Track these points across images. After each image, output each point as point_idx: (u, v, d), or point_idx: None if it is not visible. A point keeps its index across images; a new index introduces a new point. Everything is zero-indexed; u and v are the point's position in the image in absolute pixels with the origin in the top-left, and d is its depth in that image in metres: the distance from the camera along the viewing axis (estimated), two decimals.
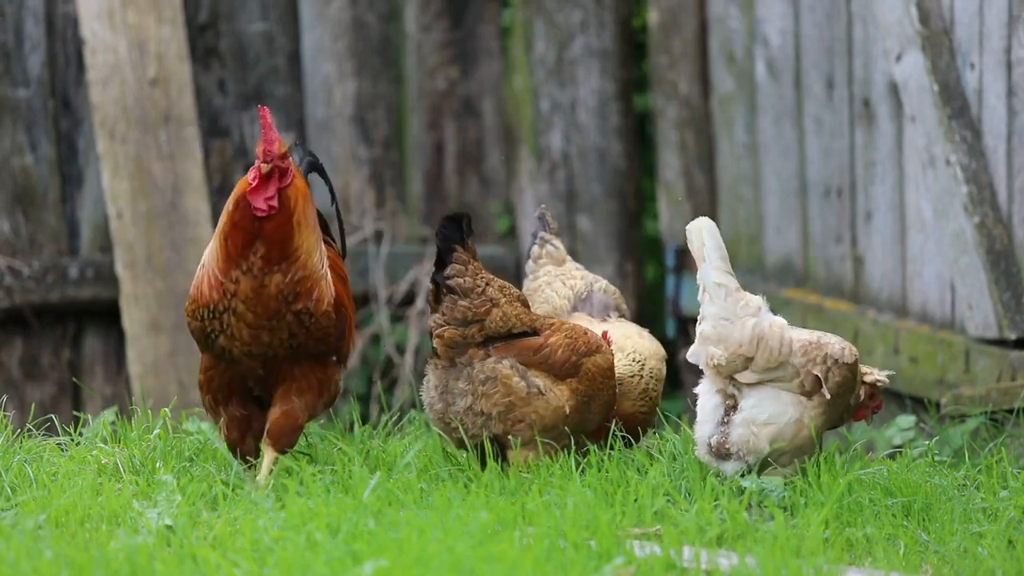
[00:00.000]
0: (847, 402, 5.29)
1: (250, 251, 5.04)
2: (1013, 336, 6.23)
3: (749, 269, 7.57)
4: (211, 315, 5.05)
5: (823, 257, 7.27)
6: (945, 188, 6.38)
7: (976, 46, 6.31)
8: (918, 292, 6.76)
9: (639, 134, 8.16)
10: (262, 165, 5.02)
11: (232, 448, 5.15)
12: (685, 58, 7.86)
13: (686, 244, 5.36)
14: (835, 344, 5.24)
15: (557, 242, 5.91)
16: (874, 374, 5.38)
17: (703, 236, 5.24)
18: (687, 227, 5.29)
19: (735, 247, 7.64)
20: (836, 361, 5.21)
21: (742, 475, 5.15)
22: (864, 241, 7.04)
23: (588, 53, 8.03)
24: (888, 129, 6.85)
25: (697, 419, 5.28)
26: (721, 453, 5.21)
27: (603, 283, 5.81)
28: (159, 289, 7.50)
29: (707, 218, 5.29)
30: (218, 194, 7.76)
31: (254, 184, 5.02)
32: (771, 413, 5.20)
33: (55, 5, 7.48)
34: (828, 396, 5.18)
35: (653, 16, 7.93)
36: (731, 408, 5.25)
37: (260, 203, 5.02)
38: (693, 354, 5.28)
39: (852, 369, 5.25)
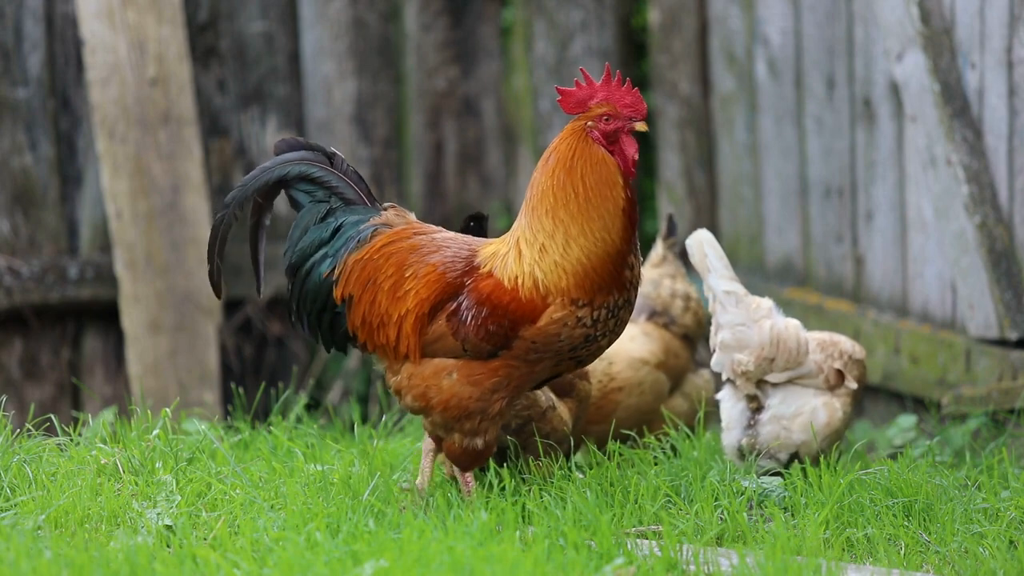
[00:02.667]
0: (860, 396, 5.41)
1: (637, 225, 4.68)
2: (1014, 336, 6.23)
3: (750, 269, 7.56)
4: (611, 314, 4.66)
5: (824, 257, 7.27)
6: (946, 188, 6.38)
7: (977, 46, 6.31)
8: (919, 292, 6.75)
9: (639, 134, 8.15)
10: (639, 124, 4.69)
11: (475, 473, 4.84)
12: (685, 58, 7.85)
13: (685, 246, 5.43)
14: (846, 342, 5.37)
15: (660, 247, 6.00)
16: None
17: (704, 248, 5.32)
18: (686, 241, 5.38)
19: (735, 247, 7.64)
20: (851, 357, 5.33)
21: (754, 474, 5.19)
22: (865, 241, 7.03)
23: (588, 53, 8.02)
24: (889, 129, 6.84)
25: (723, 426, 5.35)
26: (760, 452, 5.29)
27: (668, 287, 5.89)
28: (159, 289, 7.49)
29: (705, 230, 5.37)
30: (218, 194, 7.75)
31: (634, 147, 4.65)
32: (798, 405, 5.29)
33: (55, 5, 7.47)
34: (855, 387, 5.30)
35: (653, 16, 7.93)
36: (756, 410, 5.32)
37: (635, 166, 4.67)
38: (717, 363, 5.35)
39: (864, 365, 5.37)
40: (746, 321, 5.31)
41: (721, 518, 4.76)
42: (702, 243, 5.34)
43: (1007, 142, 6.23)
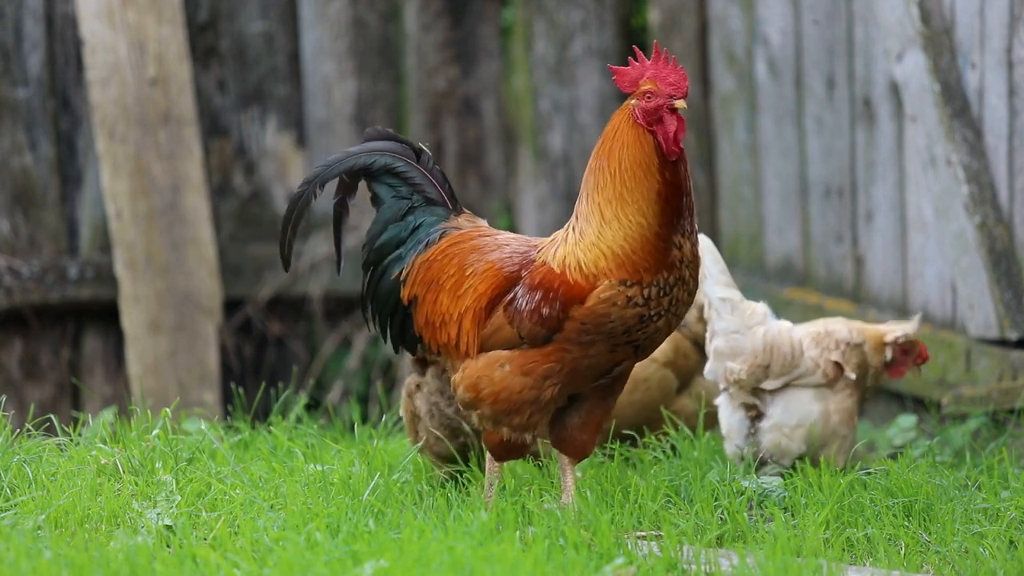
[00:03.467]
0: (866, 381, 5.36)
1: (683, 205, 4.59)
2: (1014, 336, 6.22)
3: (750, 269, 7.56)
4: (662, 292, 4.58)
5: (824, 257, 7.26)
6: (946, 188, 6.38)
7: (977, 46, 6.30)
8: (919, 292, 6.75)
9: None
10: (678, 101, 4.57)
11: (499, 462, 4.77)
12: (685, 58, 7.85)
13: None
14: (842, 329, 5.32)
15: None
16: (895, 332, 5.42)
17: (702, 253, 5.29)
18: None
19: (735, 247, 7.64)
20: (848, 344, 5.30)
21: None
22: (865, 241, 7.03)
23: (588, 53, 8.02)
24: (889, 129, 6.84)
25: (723, 434, 5.34)
26: (767, 459, 5.29)
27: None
28: (159, 289, 7.49)
29: (702, 235, 5.35)
30: (218, 194, 7.75)
31: (675, 125, 4.55)
32: (800, 415, 5.27)
33: (55, 5, 7.47)
34: (854, 377, 5.26)
35: (654, 16, 7.93)
36: (755, 418, 5.31)
37: (677, 145, 4.57)
38: (711, 371, 5.33)
39: (863, 351, 5.33)
40: (740, 328, 5.29)
41: (721, 518, 4.75)
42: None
43: (1007, 142, 6.23)
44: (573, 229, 4.65)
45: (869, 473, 5.12)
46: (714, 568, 4.33)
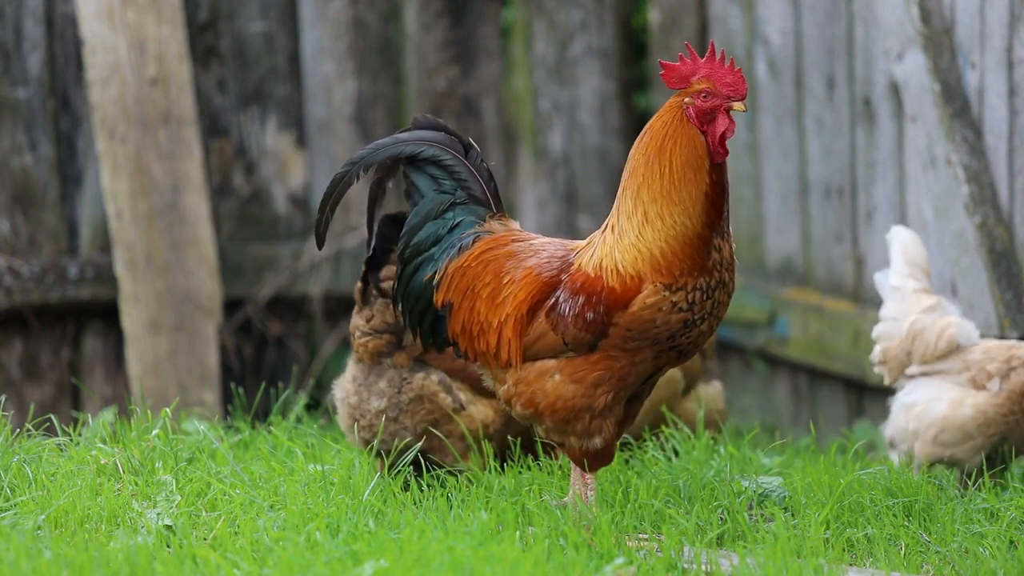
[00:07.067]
0: None
1: (724, 207, 4.55)
2: (1014, 336, 6.22)
3: (750, 269, 7.56)
4: (705, 295, 4.54)
5: (824, 257, 7.27)
6: (946, 188, 6.38)
7: (977, 46, 6.31)
8: None
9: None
10: (737, 104, 4.53)
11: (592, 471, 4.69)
12: None
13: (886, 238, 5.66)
14: None
15: None
16: None
17: (893, 244, 5.53)
18: (887, 235, 5.58)
19: (735, 247, 7.64)
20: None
21: None
22: (865, 241, 7.03)
23: (588, 53, 8.02)
24: (889, 129, 6.84)
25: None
26: (891, 444, 5.40)
27: None
28: (159, 289, 7.49)
29: (904, 228, 5.56)
30: (218, 194, 7.75)
31: (724, 127, 4.50)
32: (922, 396, 5.33)
33: (55, 5, 7.47)
34: (996, 388, 5.26)
35: (654, 16, 7.93)
36: None
37: (724, 147, 4.53)
38: (873, 354, 5.50)
39: None
40: (899, 316, 5.40)
41: (721, 518, 4.75)
42: (894, 240, 5.53)
43: (1007, 142, 6.23)
44: (612, 228, 4.60)
45: (869, 473, 5.13)
46: (714, 568, 4.33)
